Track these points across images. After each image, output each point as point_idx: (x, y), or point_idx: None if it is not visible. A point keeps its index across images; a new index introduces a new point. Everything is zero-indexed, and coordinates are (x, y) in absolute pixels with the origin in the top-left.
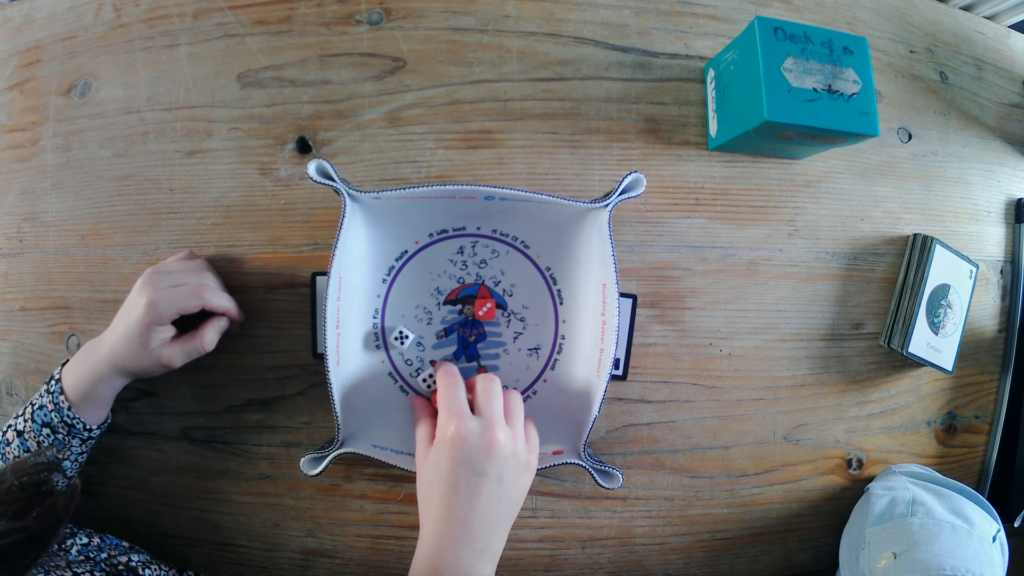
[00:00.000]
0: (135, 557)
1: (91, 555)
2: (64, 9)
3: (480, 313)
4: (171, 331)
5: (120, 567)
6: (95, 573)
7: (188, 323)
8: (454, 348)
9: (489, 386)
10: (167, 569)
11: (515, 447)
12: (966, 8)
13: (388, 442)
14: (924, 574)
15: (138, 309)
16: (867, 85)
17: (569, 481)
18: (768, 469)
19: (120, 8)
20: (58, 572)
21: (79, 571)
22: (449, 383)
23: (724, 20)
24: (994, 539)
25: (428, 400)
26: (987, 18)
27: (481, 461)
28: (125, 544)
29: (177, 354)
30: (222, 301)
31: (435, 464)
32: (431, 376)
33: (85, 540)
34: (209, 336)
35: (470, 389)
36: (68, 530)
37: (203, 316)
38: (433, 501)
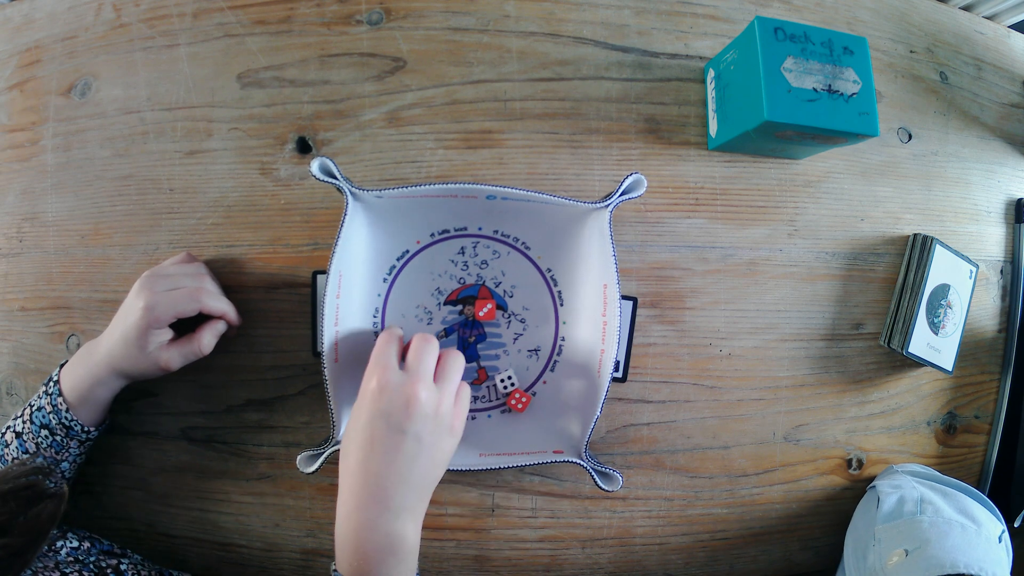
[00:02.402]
0: (125, 561)
1: (80, 557)
2: (64, 9)
3: (480, 314)
4: (168, 334)
5: (108, 570)
6: (83, 574)
7: (186, 325)
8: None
9: (422, 345)
10: (158, 572)
11: (439, 408)
12: (966, 8)
13: None
14: (939, 571)
15: (135, 312)
16: (867, 85)
17: (569, 481)
18: (768, 469)
19: (120, 8)
20: (46, 573)
21: (68, 571)
22: (386, 339)
23: (724, 20)
24: (1000, 539)
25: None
26: (987, 18)
27: (399, 416)
28: (118, 550)
29: (175, 357)
30: (220, 305)
31: (355, 415)
32: (509, 378)
33: (75, 543)
34: (207, 339)
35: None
36: (59, 531)
37: (201, 318)
38: (350, 454)
